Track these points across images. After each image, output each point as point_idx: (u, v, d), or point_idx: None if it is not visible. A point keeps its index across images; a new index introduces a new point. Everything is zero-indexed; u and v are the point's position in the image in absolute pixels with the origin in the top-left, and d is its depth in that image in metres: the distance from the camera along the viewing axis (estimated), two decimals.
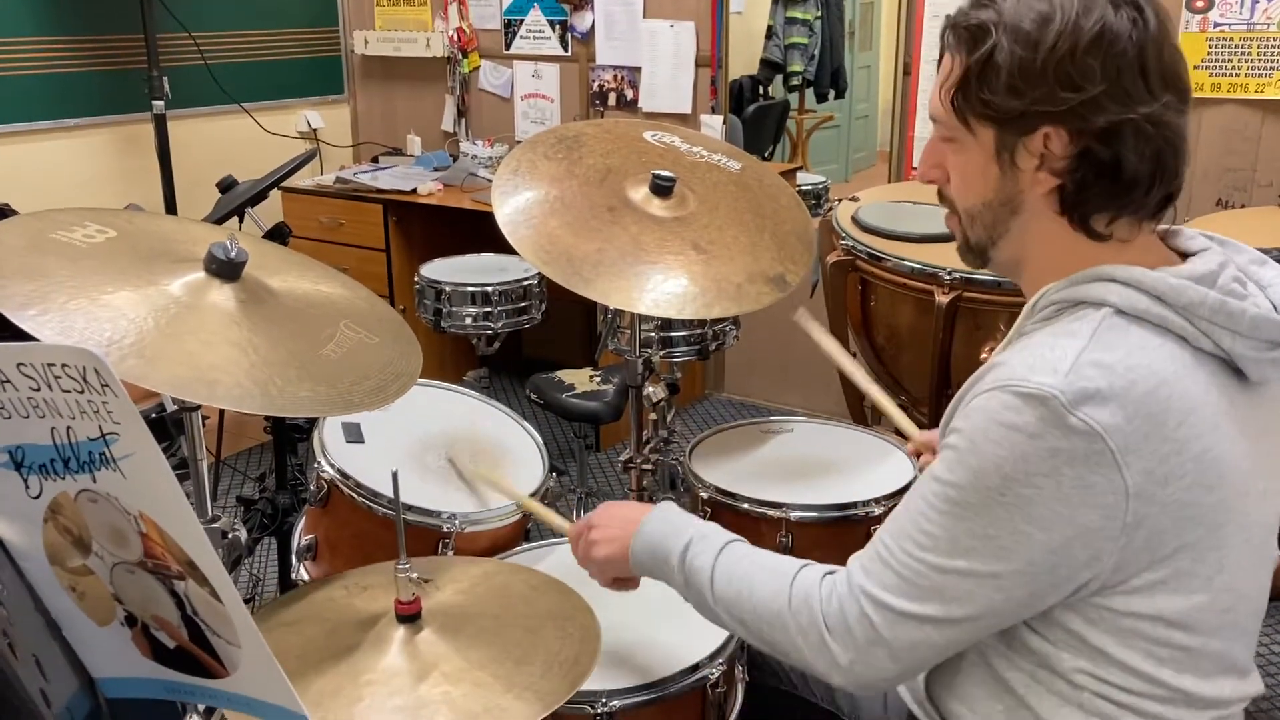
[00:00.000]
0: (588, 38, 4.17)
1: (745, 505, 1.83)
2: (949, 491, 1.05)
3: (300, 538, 1.94)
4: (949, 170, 1.16)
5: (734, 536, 1.26)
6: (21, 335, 1.16)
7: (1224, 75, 3.09)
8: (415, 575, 1.23)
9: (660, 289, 1.69)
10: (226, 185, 2.51)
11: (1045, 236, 1.12)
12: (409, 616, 1.23)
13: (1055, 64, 1.03)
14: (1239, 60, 3.06)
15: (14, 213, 3.02)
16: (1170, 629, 1.06)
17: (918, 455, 1.86)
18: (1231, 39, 3.06)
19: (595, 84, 4.19)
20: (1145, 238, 1.11)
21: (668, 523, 1.28)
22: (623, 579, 1.36)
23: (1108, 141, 1.04)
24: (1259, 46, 3.04)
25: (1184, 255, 1.13)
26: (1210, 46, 3.09)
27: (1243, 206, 3.14)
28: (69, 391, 0.92)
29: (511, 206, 1.76)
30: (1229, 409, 1.06)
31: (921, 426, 2.78)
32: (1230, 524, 1.06)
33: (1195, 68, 3.10)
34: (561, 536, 1.69)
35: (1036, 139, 1.07)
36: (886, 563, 1.09)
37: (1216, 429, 1.04)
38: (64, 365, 0.91)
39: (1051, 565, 1.03)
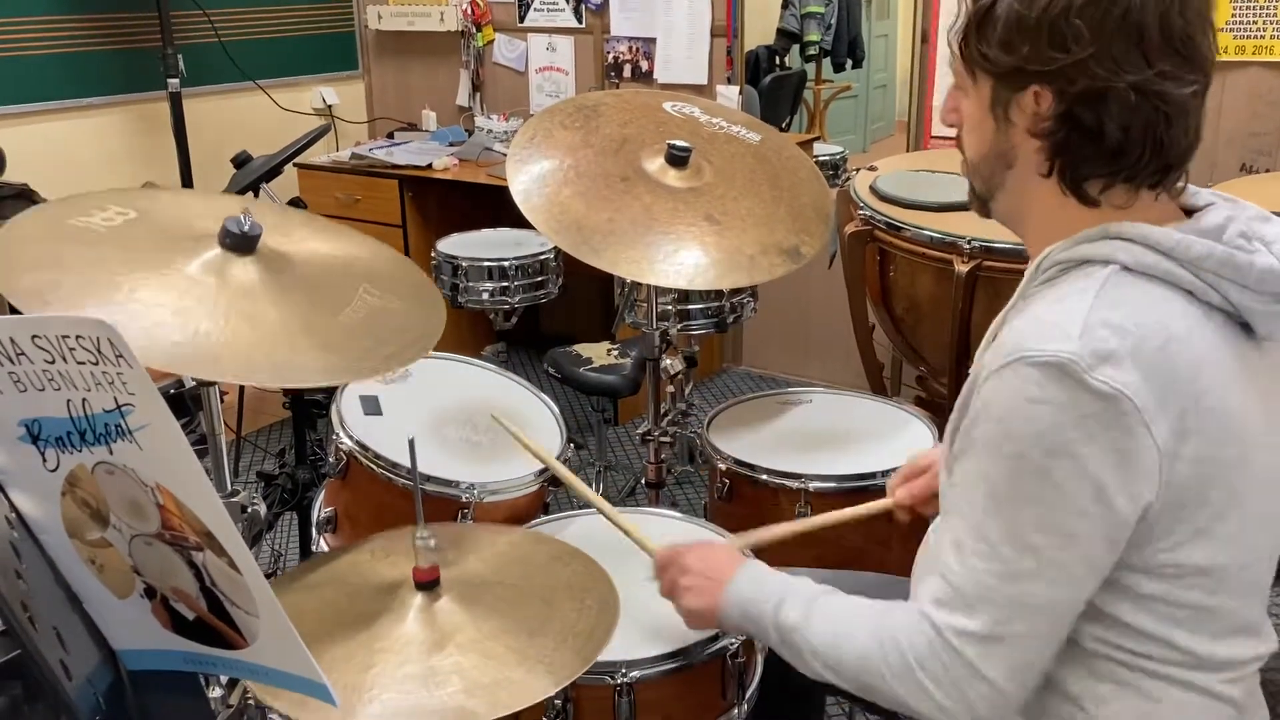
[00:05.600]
0: (602, 9, 4.13)
1: (764, 476, 1.83)
2: (996, 487, 1.02)
3: (320, 510, 1.95)
4: (962, 116, 1.16)
5: (824, 589, 1.22)
6: None
7: (1249, 38, 3.04)
8: (433, 543, 1.23)
9: (671, 259, 1.68)
10: (241, 161, 2.51)
11: (1039, 196, 1.11)
12: (427, 584, 1.23)
13: (1049, 22, 1.02)
14: (1264, 22, 3.01)
15: (33, 192, 3.04)
16: (1189, 589, 1.05)
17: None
18: (1257, 0, 3.01)
19: (610, 56, 4.16)
20: (1146, 202, 1.08)
21: (757, 581, 1.26)
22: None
23: (1091, 106, 1.03)
24: None
25: (1189, 212, 1.11)
26: (1235, 8, 3.04)
27: (1267, 171, 3.09)
28: (83, 363, 0.92)
29: (525, 175, 1.75)
30: (1239, 365, 1.05)
31: (941, 398, 2.78)
32: (1248, 480, 1.05)
33: (1219, 30, 3.05)
34: (580, 508, 1.69)
35: (1027, 96, 1.06)
36: (958, 589, 1.05)
37: (1228, 384, 1.03)
38: (78, 337, 0.91)
39: (1113, 539, 1.01)
